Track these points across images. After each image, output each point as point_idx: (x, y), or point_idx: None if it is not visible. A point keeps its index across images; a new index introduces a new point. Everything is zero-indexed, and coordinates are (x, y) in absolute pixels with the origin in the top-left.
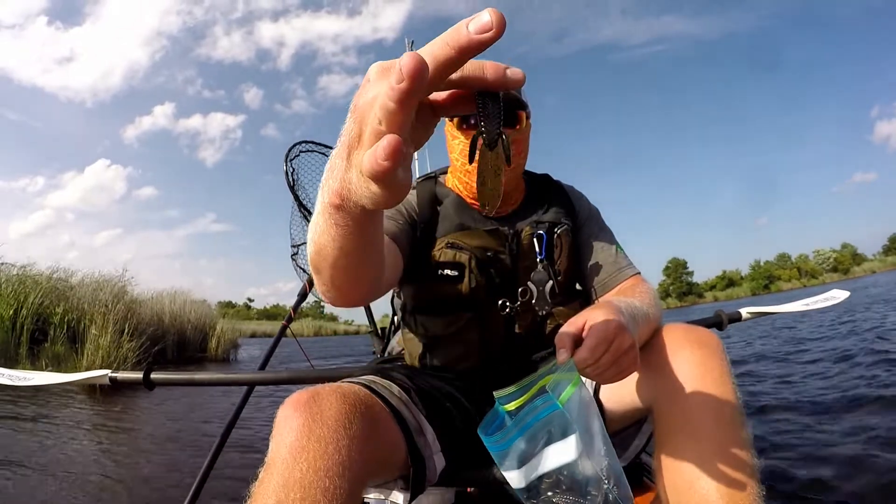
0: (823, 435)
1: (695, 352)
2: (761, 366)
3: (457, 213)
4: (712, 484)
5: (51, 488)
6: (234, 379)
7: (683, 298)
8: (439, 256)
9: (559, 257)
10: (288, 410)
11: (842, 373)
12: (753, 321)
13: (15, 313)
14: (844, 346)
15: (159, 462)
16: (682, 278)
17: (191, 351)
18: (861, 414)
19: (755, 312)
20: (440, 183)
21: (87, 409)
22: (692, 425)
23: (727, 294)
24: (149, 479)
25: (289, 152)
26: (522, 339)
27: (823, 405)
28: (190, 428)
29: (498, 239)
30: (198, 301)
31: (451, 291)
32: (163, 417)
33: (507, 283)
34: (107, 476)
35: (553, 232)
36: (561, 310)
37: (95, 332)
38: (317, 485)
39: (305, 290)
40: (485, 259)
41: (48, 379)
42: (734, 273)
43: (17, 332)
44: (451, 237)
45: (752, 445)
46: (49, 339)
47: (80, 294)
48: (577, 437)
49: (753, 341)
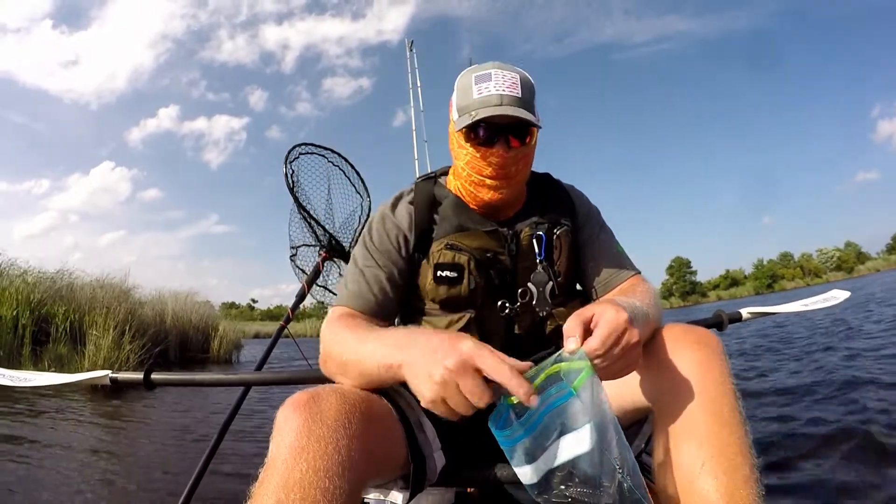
0: (825, 433)
1: (695, 352)
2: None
3: (456, 214)
4: (712, 484)
5: (54, 480)
6: (234, 379)
7: (687, 298)
8: (438, 258)
9: (559, 258)
10: (288, 411)
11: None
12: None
13: (17, 314)
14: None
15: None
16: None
17: (193, 351)
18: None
19: (755, 313)
20: (440, 184)
21: (92, 404)
22: (692, 425)
23: (731, 293)
24: (148, 475)
25: (288, 154)
26: (522, 340)
27: (823, 405)
28: (195, 424)
29: (497, 240)
30: (200, 302)
31: (450, 292)
32: (169, 414)
33: (506, 284)
34: (109, 471)
35: (552, 233)
36: (561, 311)
37: (96, 333)
38: (316, 485)
39: (304, 292)
40: (484, 260)
41: (49, 380)
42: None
43: (20, 332)
44: (449, 238)
45: (752, 445)
46: (51, 340)
47: (82, 295)
48: (591, 426)
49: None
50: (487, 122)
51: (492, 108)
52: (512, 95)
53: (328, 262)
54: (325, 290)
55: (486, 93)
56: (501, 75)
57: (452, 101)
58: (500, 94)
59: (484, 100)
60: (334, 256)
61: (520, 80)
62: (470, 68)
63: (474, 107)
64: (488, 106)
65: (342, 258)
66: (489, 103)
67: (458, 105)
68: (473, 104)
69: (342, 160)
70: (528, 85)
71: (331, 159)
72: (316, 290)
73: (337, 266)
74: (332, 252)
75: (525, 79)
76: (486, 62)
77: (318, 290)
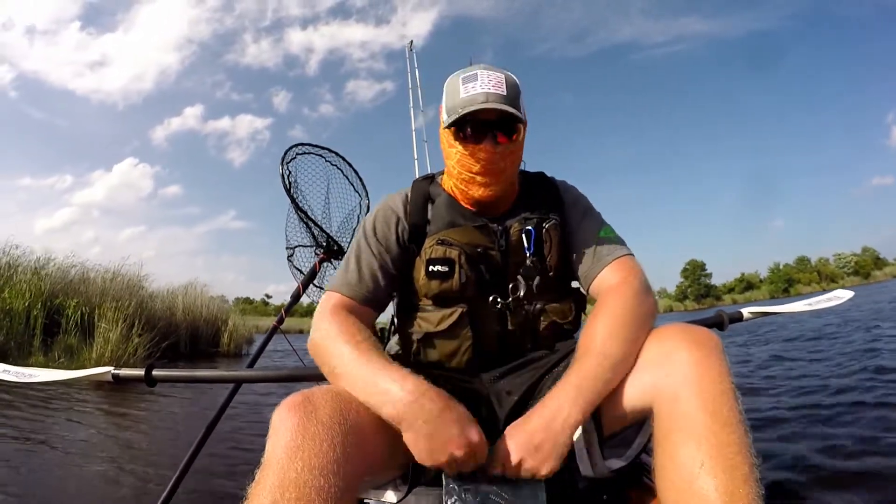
0: (825, 432)
1: (694, 352)
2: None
3: (448, 211)
4: (712, 483)
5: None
6: (233, 376)
7: (701, 301)
8: (430, 253)
9: (549, 252)
10: (283, 411)
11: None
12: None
13: (29, 306)
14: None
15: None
16: (701, 280)
17: (203, 345)
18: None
19: (757, 312)
20: (436, 183)
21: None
22: (692, 425)
23: (746, 297)
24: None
25: (285, 155)
26: (515, 336)
27: (824, 404)
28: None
29: (487, 235)
30: (213, 296)
31: (441, 287)
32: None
33: (497, 279)
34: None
35: (541, 227)
36: (555, 306)
37: (105, 326)
38: (312, 484)
39: (299, 292)
40: (474, 255)
41: (52, 376)
42: (753, 276)
43: (32, 324)
44: (441, 234)
45: (752, 445)
46: (62, 331)
47: (93, 288)
48: None
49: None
50: (474, 120)
51: (477, 105)
52: (497, 93)
53: (325, 262)
54: (322, 291)
55: (472, 92)
56: (487, 75)
57: (442, 104)
58: (485, 91)
59: (470, 98)
60: (332, 257)
61: (505, 79)
62: (457, 72)
63: (461, 105)
64: (474, 104)
65: (340, 258)
66: (475, 101)
67: (447, 106)
68: (460, 103)
69: (340, 159)
70: (512, 84)
71: (329, 159)
72: (312, 290)
73: (334, 267)
74: (329, 253)
75: (510, 79)
76: (474, 65)
77: (314, 290)
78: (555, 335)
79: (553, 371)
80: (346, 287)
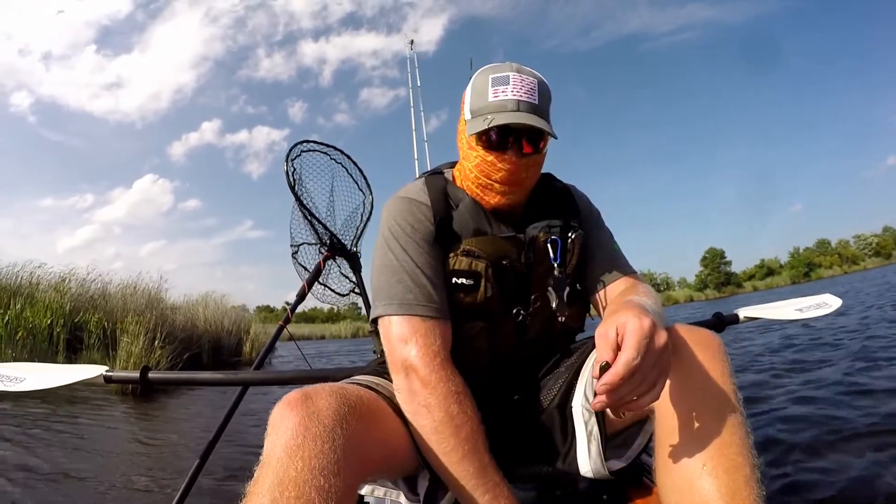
0: (826, 433)
1: (696, 353)
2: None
3: (472, 217)
4: (712, 484)
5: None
6: (232, 378)
7: (722, 289)
8: (454, 264)
9: (570, 261)
10: (282, 409)
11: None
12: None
13: (52, 323)
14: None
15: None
16: (721, 268)
17: (226, 355)
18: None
19: (750, 316)
20: (451, 182)
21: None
22: (693, 426)
23: (767, 283)
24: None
25: (290, 152)
26: (531, 344)
27: (825, 405)
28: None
29: (515, 246)
30: (234, 306)
31: (464, 300)
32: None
33: (521, 291)
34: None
35: (566, 236)
36: (572, 311)
37: (128, 340)
38: (311, 483)
39: (304, 291)
40: (500, 267)
41: (39, 381)
42: (773, 261)
43: (55, 341)
44: (466, 244)
45: (753, 446)
46: (84, 347)
47: (114, 302)
48: None
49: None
50: (501, 127)
51: (508, 115)
52: (529, 102)
53: (329, 260)
54: (326, 289)
55: (502, 97)
56: (520, 80)
57: (465, 99)
58: (517, 99)
59: (500, 104)
60: (336, 255)
61: (537, 85)
62: (486, 68)
63: (490, 110)
64: (504, 111)
65: (343, 256)
66: (505, 108)
67: (473, 106)
68: (489, 107)
69: (345, 157)
70: (545, 91)
71: (333, 157)
72: (317, 288)
73: (338, 265)
74: (333, 251)
75: (543, 84)
76: (504, 62)
77: (318, 288)
78: (568, 338)
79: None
80: (419, 307)
